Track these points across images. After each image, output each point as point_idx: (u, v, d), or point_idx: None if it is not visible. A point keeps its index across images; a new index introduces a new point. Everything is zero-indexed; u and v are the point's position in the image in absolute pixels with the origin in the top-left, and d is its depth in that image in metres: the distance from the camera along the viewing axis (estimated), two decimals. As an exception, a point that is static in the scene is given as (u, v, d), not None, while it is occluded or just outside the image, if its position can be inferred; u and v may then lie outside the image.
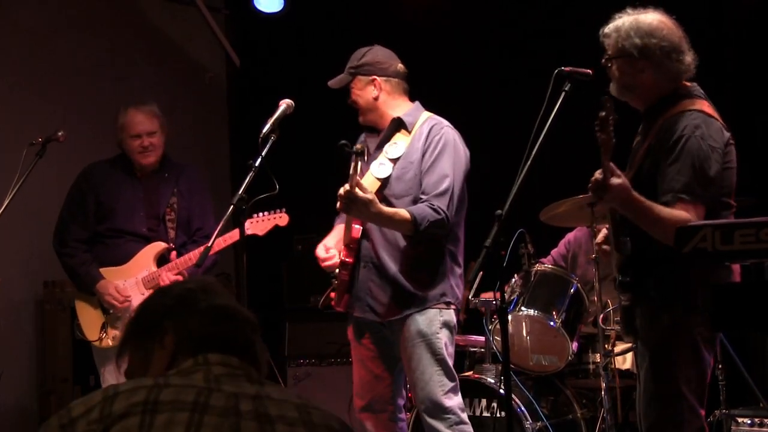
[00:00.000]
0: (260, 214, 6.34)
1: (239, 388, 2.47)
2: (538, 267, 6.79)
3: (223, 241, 6.28)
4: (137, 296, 6.44)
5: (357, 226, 5.57)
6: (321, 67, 8.94)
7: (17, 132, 7.14)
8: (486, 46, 8.01)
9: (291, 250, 8.39)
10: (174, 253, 6.51)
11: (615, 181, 4.38)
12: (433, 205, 5.41)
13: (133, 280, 6.51)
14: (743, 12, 7.11)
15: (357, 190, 5.21)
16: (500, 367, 6.31)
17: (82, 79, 8.64)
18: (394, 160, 5.53)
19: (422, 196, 5.47)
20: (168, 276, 6.44)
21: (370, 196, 5.26)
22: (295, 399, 2.54)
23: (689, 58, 4.87)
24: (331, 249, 5.67)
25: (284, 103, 5.59)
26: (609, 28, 4.99)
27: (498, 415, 6.38)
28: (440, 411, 5.46)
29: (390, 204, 5.45)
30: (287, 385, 8.10)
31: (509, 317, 6.34)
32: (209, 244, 5.39)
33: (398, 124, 5.67)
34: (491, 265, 5.58)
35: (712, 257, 3.61)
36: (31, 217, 7.04)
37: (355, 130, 6.05)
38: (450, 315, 5.57)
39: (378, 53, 5.74)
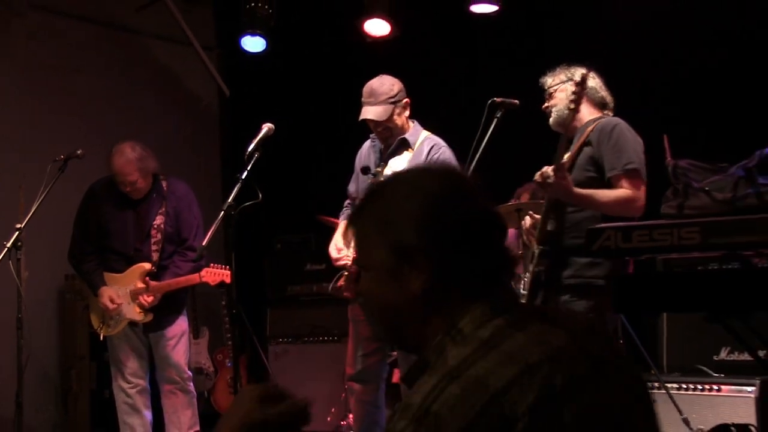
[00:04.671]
0: (213, 265, 6.53)
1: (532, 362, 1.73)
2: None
3: (185, 280, 6.59)
4: (126, 305, 6.59)
5: None
6: (296, 96, 9.03)
7: (44, 150, 7.14)
8: (438, 84, 8.09)
9: (272, 249, 8.42)
10: (147, 278, 6.58)
11: (560, 181, 4.59)
12: None
13: (125, 289, 6.60)
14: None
15: None
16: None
17: (98, 106, 8.64)
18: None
19: None
20: (145, 298, 6.54)
21: None
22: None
23: (610, 99, 5.08)
24: (342, 250, 5.66)
25: (266, 127, 5.63)
26: (547, 75, 5.16)
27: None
28: None
29: None
30: (269, 360, 8.12)
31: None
32: (204, 244, 5.53)
33: (403, 143, 5.67)
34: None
35: (615, 253, 3.69)
36: (54, 221, 7.02)
37: (326, 149, 6.11)
38: None
39: (396, 80, 5.67)
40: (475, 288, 1.86)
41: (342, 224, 5.84)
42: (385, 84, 5.59)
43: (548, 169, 4.66)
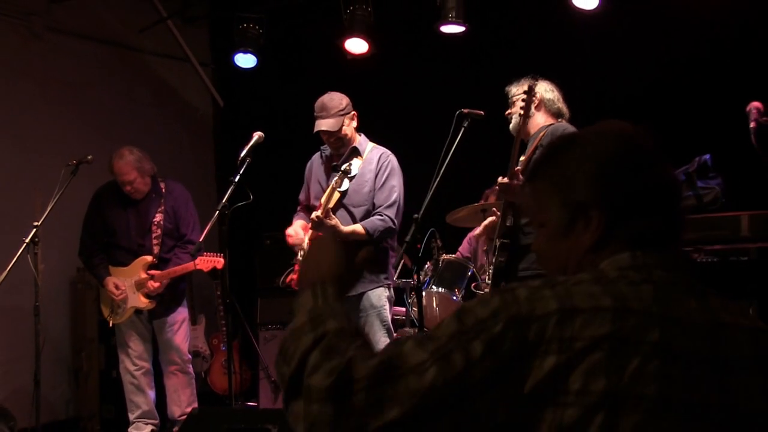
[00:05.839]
0: (207, 253, 6.54)
1: (689, 320, 1.67)
2: (444, 257, 6.84)
3: (182, 268, 6.63)
4: (131, 294, 6.65)
5: None
6: (283, 107, 9.02)
7: (58, 156, 7.12)
8: (411, 96, 8.11)
9: (261, 244, 8.41)
10: (152, 270, 6.64)
11: (513, 184, 4.67)
12: (383, 215, 5.47)
13: (130, 280, 6.65)
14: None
15: (325, 218, 5.31)
16: (416, 331, 6.36)
17: (106, 117, 8.60)
18: (351, 178, 5.55)
19: (376, 208, 5.54)
20: (151, 284, 6.58)
21: (335, 221, 5.34)
22: (749, 322, 1.73)
23: (566, 111, 5.08)
24: (298, 234, 5.67)
25: (256, 135, 5.68)
26: (512, 84, 5.18)
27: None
28: None
29: (348, 210, 5.50)
30: (259, 344, 8.11)
31: (423, 294, 6.40)
32: (200, 240, 5.61)
33: (353, 151, 5.69)
34: (410, 255, 5.65)
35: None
36: (67, 220, 7.01)
37: (305, 155, 6.10)
38: (390, 292, 5.67)
39: (343, 95, 5.69)
40: (638, 243, 1.77)
41: (297, 222, 5.84)
42: (335, 99, 5.63)
43: (504, 179, 4.70)
